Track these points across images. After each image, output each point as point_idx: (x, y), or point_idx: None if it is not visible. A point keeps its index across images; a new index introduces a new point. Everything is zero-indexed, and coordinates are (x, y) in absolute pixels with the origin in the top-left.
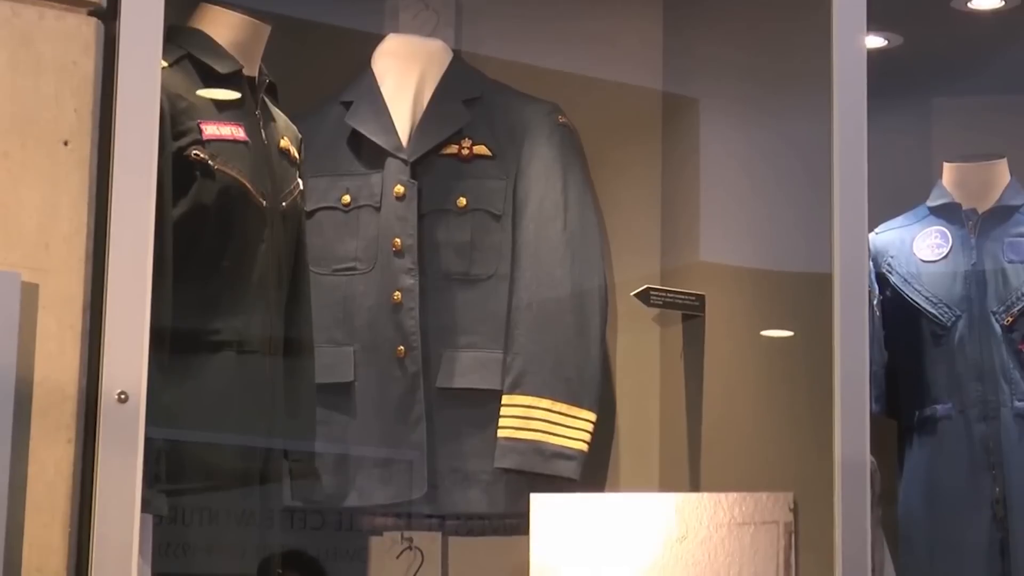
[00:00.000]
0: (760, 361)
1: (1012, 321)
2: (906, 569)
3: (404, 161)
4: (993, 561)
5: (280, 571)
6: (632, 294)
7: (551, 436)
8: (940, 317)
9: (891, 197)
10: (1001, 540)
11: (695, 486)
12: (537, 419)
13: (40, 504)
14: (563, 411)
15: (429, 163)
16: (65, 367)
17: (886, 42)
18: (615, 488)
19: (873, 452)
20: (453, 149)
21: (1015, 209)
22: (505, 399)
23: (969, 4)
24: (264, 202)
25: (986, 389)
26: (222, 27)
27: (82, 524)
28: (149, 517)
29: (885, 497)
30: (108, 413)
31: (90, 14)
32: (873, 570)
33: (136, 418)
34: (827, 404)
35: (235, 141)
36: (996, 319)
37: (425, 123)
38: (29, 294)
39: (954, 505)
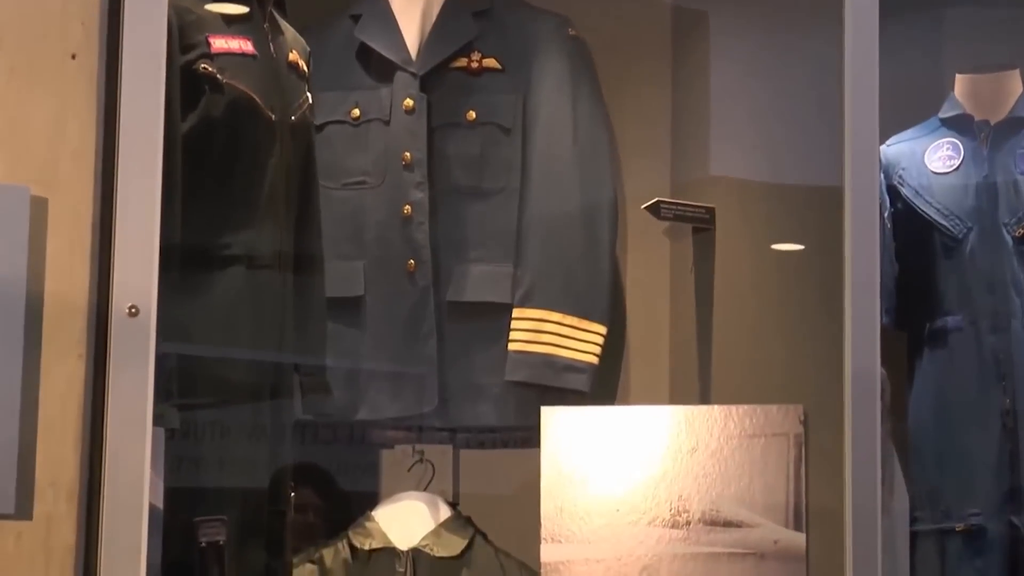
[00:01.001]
0: (771, 274)
1: (1023, 233)
2: (916, 480)
3: (413, 74)
4: (1003, 472)
5: (292, 484)
6: (642, 207)
7: (562, 349)
8: (951, 229)
9: (903, 109)
10: (1011, 451)
11: (705, 399)
12: (548, 332)
13: (52, 419)
14: (573, 324)
15: (438, 76)
16: (75, 282)
17: None
18: (625, 401)
19: (883, 364)
20: (462, 62)
21: None
22: (515, 312)
23: None
24: (273, 116)
25: (997, 301)
26: None
27: (94, 439)
28: (161, 431)
29: (895, 409)
30: (119, 328)
31: None
32: (883, 481)
33: (147, 332)
34: (838, 317)
35: (244, 55)
36: (1007, 231)
37: (434, 36)
38: (38, 209)
39: (964, 417)
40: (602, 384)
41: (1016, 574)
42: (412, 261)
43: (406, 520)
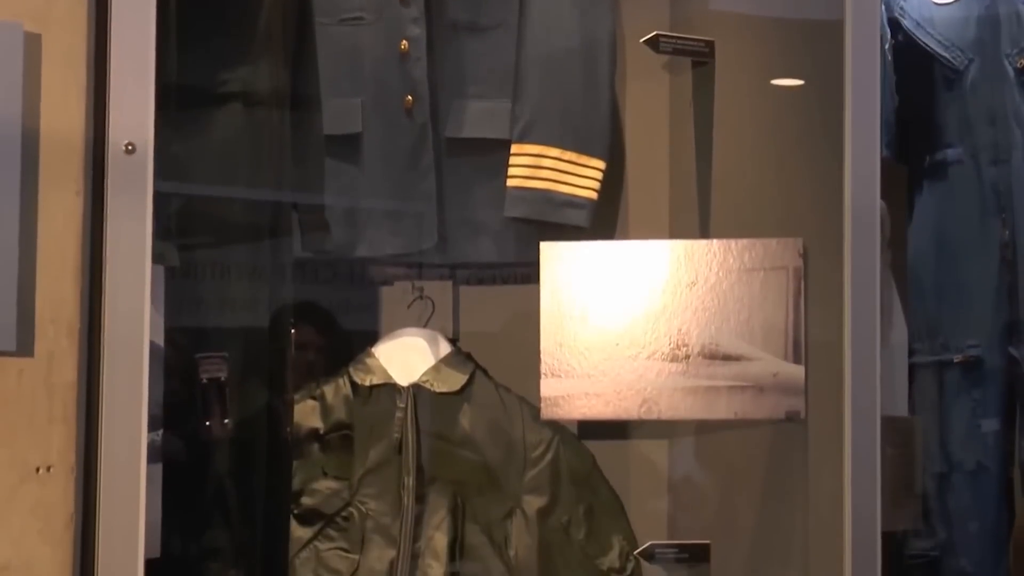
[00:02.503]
0: (770, 109)
1: None
2: (915, 313)
3: None
4: (1001, 304)
5: (292, 322)
6: (641, 40)
7: (560, 184)
8: (952, 61)
9: None
10: (1009, 283)
11: (704, 233)
12: (546, 168)
13: (51, 256)
14: (572, 160)
15: None
16: (70, 119)
17: None
18: (624, 236)
19: (883, 197)
20: None
21: None
22: (514, 148)
23: None
24: None
25: (997, 133)
26: None
27: (94, 276)
28: (160, 269)
29: (894, 241)
30: (115, 164)
31: None
32: (881, 314)
33: (144, 169)
34: (837, 150)
35: None
36: (1009, 62)
37: None
38: (32, 45)
39: (963, 249)
40: (601, 219)
41: (1013, 405)
42: (410, 97)
43: (406, 356)
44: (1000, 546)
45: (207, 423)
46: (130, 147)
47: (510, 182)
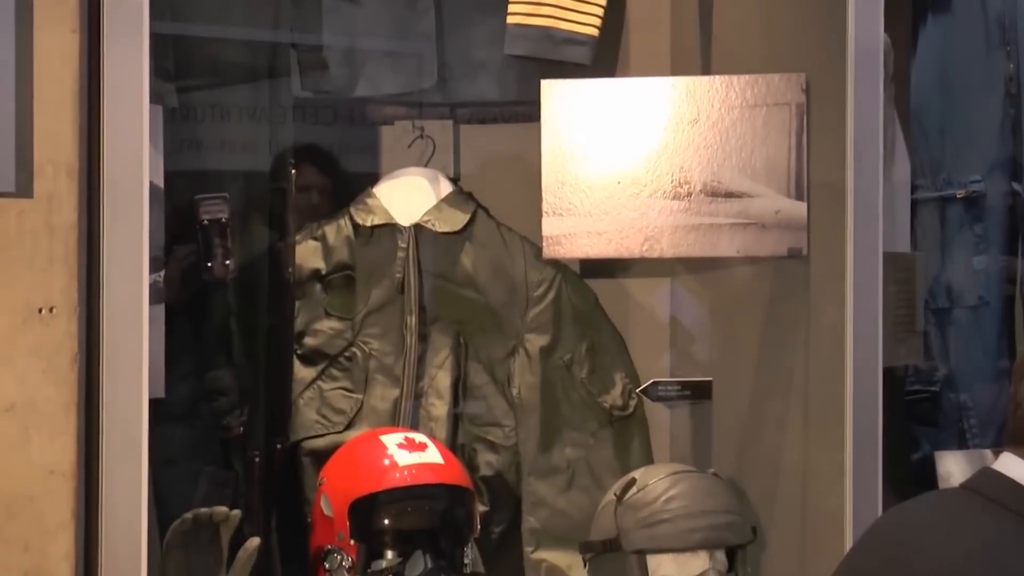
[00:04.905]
0: None
1: None
2: (917, 148)
3: None
4: (1004, 138)
5: (293, 162)
6: None
7: (561, 21)
8: None
9: None
10: (1013, 118)
11: (706, 69)
12: (547, 4)
13: (48, 97)
14: None
15: None
16: None
17: None
18: (625, 73)
19: (886, 31)
20: None
21: None
22: None
23: None
24: None
25: None
26: None
27: (92, 116)
28: (159, 109)
29: (898, 76)
30: (112, 2)
31: None
32: (884, 149)
33: (140, 6)
34: None
35: None
36: None
37: None
38: None
39: (967, 83)
40: (602, 56)
41: (1015, 239)
42: None
43: (407, 196)
44: (1000, 381)
45: (209, 264)
46: None
47: (510, 19)
